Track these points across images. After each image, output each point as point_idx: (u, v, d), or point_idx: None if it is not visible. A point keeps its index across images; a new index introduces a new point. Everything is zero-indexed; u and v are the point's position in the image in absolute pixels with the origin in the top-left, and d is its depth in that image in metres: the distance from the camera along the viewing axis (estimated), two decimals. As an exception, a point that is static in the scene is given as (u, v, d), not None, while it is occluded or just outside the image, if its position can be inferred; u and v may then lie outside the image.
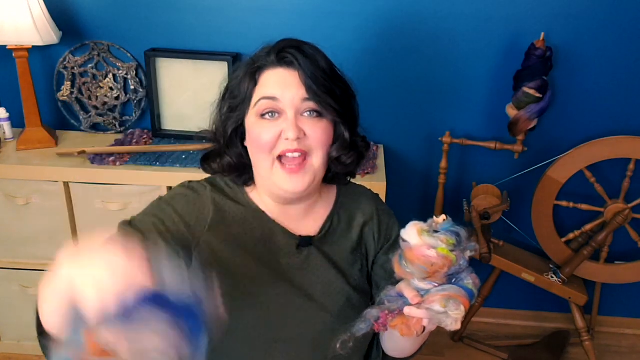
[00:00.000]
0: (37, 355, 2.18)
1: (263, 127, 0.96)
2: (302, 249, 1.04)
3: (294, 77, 0.97)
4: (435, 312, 0.81)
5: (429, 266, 0.80)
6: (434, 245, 0.80)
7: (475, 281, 0.83)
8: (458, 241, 0.81)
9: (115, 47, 2.10)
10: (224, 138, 1.02)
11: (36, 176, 1.89)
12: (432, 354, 2.26)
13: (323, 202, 1.09)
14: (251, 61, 1.01)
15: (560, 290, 2.09)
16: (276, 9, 2.02)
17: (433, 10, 1.98)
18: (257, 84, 0.99)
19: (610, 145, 1.98)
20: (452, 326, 0.81)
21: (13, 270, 2.04)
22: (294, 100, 0.95)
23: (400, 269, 0.84)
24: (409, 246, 0.82)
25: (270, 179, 0.98)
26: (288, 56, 0.98)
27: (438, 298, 0.81)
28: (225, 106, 1.02)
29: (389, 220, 1.12)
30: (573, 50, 1.99)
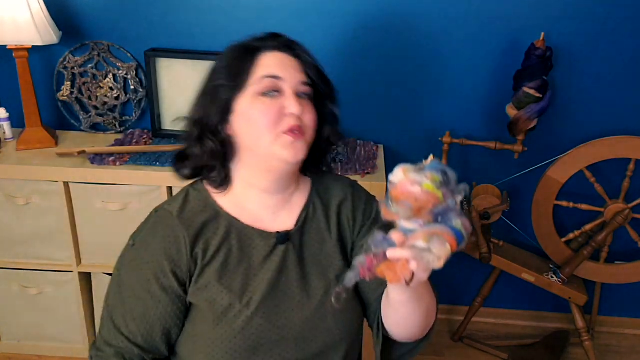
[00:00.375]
0: (37, 355, 2.18)
1: (265, 104, 0.98)
2: (279, 247, 1.04)
3: (294, 62, 1.02)
4: (418, 249, 0.77)
5: (413, 202, 0.78)
6: (418, 182, 0.78)
7: (465, 224, 0.80)
8: (445, 180, 0.79)
9: (115, 47, 2.10)
10: (207, 123, 1.02)
11: (36, 176, 1.89)
12: (432, 354, 2.26)
13: (299, 192, 1.10)
14: (243, 46, 1.03)
15: (560, 290, 2.09)
16: (276, 8, 2.02)
17: (433, 10, 1.98)
18: (254, 64, 1.00)
19: (610, 145, 1.98)
20: (435, 263, 0.77)
21: (13, 270, 2.04)
22: (294, 81, 1.00)
23: (386, 210, 0.81)
24: (393, 185, 0.80)
25: (271, 151, 0.99)
26: (284, 41, 1.03)
27: (421, 234, 0.78)
28: (211, 88, 1.02)
29: (365, 204, 1.12)
30: (573, 50, 1.99)
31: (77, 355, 2.17)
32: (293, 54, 1.03)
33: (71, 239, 1.98)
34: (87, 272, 2.05)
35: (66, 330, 2.13)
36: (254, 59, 1.00)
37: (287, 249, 1.05)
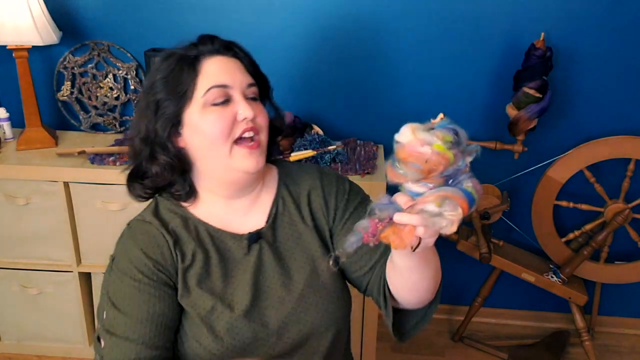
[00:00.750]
0: (37, 355, 2.18)
1: (215, 113, 0.96)
2: (253, 246, 1.04)
3: (237, 64, 1.00)
4: (428, 213, 0.73)
5: (422, 164, 0.73)
6: (428, 142, 0.72)
7: (476, 186, 0.75)
8: (456, 140, 0.74)
9: (115, 47, 2.10)
10: (158, 138, 0.98)
11: (36, 176, 1.89)
12: (432, 354, 2.26)
13: (266, 189, 1.09)
14: (180, 55, 0.98)
15: (560, 290, 2.09)
16: (276, 8, 2.02)
17: (433, 10, 1.98)
18: (197, 74, 0.97)
19: (610, 145, 1.98)
20: (447, 228, 0.73)
21: (13, 270, 2.04)
22: (242, 85, 0.98)
23: (392, 172, 0.76)
24: (401, 145, 0.74)
25: (230, 163, 0.97)
26: (222, 43, 1.01)
27: (432, 198, 0.73)
28: (153, 103, 0.98)
29: (336, 187, 1.10)
30: (573, 50, 1.99)
31: (77, 355, 2.17)
32: (234, 55, 1.01)
33: (71, 239, 1.98)
34: (87, 272, 2.05)
35: (66, 330, 2.14)
36: (195, 68, 0.97)
37: (260, 247, 1.04)
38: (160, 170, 1.00)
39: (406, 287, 0.97)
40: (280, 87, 2.10)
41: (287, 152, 1.93)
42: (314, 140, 1.91)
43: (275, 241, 1.06)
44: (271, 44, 2.07)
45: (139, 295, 0.97)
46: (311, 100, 2.14)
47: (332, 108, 2.15)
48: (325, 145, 1.91)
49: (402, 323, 1.06)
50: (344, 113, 2.15)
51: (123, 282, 0.98)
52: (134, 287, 0.97)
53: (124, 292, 0.98)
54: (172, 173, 1.01)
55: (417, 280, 0.94)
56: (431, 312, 1.04)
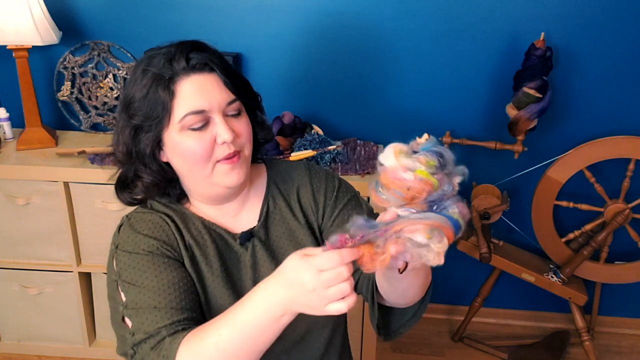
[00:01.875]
0: (37, 355, 2.18)
1: (194, 139, 0.93)
2: (247, 244, 1.04)
3: (213, 81, 0.94)
4: (416, 244, 0.70)
5: (404, 191, 0.71)
6: (411, 168, 0.71)
7: (462, 210, 0.73)
8: (441, 163, 0.72)
9: (115, 47, 2.10)
10: (141, 158, 0.98)
11: (36, 176, 1.89)
12: (432, 354, 2.26)
13: (255, 189, 1.08)
14: (155, 74, 0.93)
15: (560, 290, 2.09)
16: (276, 8, 2.02)
17: (432, 10, 1.98)
18: (174, 96, 0.93)
19: (610, 145, 1.98)
20: (434, 261, 0.71)
21: (13, 270, 2.05)
22: (220, 105, 0.94)
23: (376, 196, 0.75)
24: (384, 169, 0.73)
25: (212, 180, 0.97)
26: (199, 59, 0.94)
27: (421, 227, 0.70)
28: (134, 125, 0.96)
29: (325, 183, 1.09)
30: (573, 50, 1.99)
31: (77, 355, 2.17)
32: (210, 71, 0.94)
33: (71, 239, 1.98)
34: (87, 272, 2.05)
35: (66, 330, 2.13)
36: (171, 90, 0.92)
37: (253, 245, 1.04)
38: (144, 188, 1.01)
39: (393, 294, 0.96)
40: (280, 87, 2.13)
41: (287, 152, 1.93)
42: (314, 140, 1.91)
43: (268, 239, 1.06)
44: (271, 43, 2.07)
45: (154, 267, 0.95)
46: (311, 100, 2.14)
47: (332, 108, 2.14)
48: (325, 145, 1.91)
49: (392, 321, 1.05)
50: (344, 113, 2.15)
51: (134, 260, 0.96)
52: (148, 260, 0.95)
53: (137, 268, 0.95)
54: (156, 189, 1.02)
55: (405, 288, 0.93)
56: (422, 311, 1.02)
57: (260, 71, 2.11)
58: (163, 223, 1.00)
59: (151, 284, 0.93)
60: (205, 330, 0.85)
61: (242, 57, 2.09)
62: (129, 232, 0.99)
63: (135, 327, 0.92)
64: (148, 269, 0.94)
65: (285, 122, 1.97)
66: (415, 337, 2.32)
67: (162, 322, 0.90)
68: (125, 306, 0.94)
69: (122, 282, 0.96)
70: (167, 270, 0.95)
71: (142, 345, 0.90)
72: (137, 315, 0.92)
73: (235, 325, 0.82)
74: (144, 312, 0.92)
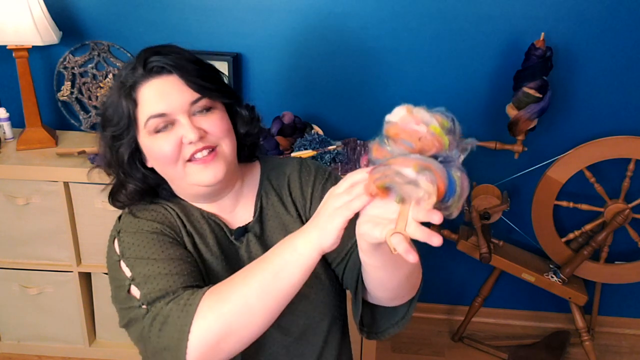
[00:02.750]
0: (37, 355, 2.18)
1: (160, 141, 0.94)
2: (242, 239, 1.04)
3: (173, 83, 0.94)
4: (403, 177, 0.64)
5: (415, 141, 0.67)
6: (426, 121, 0.68)
7: (464, 182, 0.68)
8: (453, 127, 0.70)
9: (115, 47, 2.10)
10: (121, 167, 0.99)
11: (36, 176, 1.89)
12: (432, 354, 2.26)
13: (248, 185, 1.08)
14: (120, 83, 0.96)
15: (560, 290, 2.09)
16: (276, 8, 2.02)
17: (432, 10, 1.98)
18: (136, 104, 0.95)
19: (610, 145, 1.98)
20: (420, 199, 0.64)
21: (13, 270, 2.04)
22: (183, 107, 0.94)
23: (378, 149, 0.70)
24: (393, 123, 0.69)
25: (187, 181, 0.97)
26: (156, 63, 0.94)
27: (412, 163, 0.64)
28: (109, 136, 0.98)
29: (314, 176, 1.09)
30: (573, 50, 1.99)
31: (77, 355, 2.17)
32: (169, 73, 0.94)
33: (71, 239, 1.98)
34: (87, 272, 2.05)
35: (66, 330, 2.13)
36: (133, 97, 0.94)
37: (248, 241, 1.04)
38: (128, 196, 1.02)
39: (372, 283, 0.91)
40: (280, 87, 2.13)
41: (287, 152, 1.93)
42: (314, 140, 1.91)
43: (262, 234, 1.06)
44: (271, 43, 2.07)
45: (159, 244, 0.94)
46: (311, 100, 2.14)
47: (332, 108, 2.14)
48: (325, 145, 1.91)
49: (381, 320, 1.01)
50: (344, 113, 2.15)
51: (138, 238, 0.96)
52: (152, 238, 0.95)
53: (142, 245, 0.94)
54: (142, 196, 1.02)
55: (385, 280, 0.88)
56: (411, 312, 0.98)
57: (260, 71, 2.11)
58: (165, 211, 1.01)
59: (159, 257, 0.92)
60: (231, 280, 0.84)
61: (242, 57, 2.09)
62: (131, 218, 1.00)
63: (146, 291, 0.89)
64: (154, 245, 0.94)
65: (285, 122, 1.97)
66: (415, 337, 2.32)
67: (175, 284, 0.88)
68: (133, 279, 0.92)
69: (127, 259, 0.94)
70: (173, 248, 0.95)
71: (157, 303, 0.87)
72: (148, 282, 0.90)
73: (264, 266, 0.81)
74: (155, 278, 0.89)
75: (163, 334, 0.85)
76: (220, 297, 0.82)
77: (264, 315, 0.82)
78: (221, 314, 0.81)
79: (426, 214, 0.65)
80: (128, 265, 0.94)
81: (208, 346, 0.82)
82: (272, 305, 0.81)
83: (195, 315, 0.82)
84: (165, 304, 0.86)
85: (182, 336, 0.82)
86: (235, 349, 0.84)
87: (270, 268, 0.81)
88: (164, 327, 0.85)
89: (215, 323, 0.81)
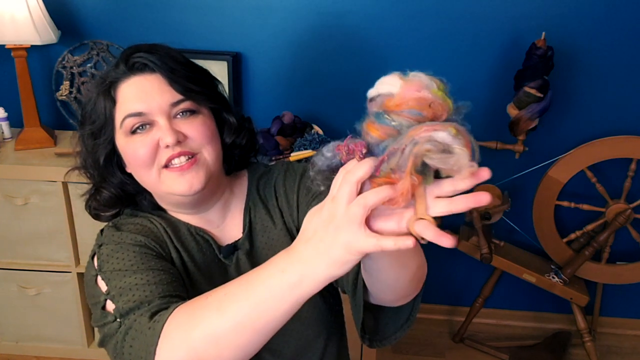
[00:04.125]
0: (36, 356, 2.17)
1: (136, 142, 0.88)
2: (231, 257, 0.97)
3: (154, 82, 0.89)
4: (437, 144, 0.52)
5: (425, 109, 0.56)
6: (428, 86, 0.58)
7: (474, 141, 0.58)
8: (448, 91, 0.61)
9: (115, 47, 2.09)
10: (97, 170, 0.94)
11: (35, 176, 1.89)
12: (433, 355, 2.25)
13: (236, 198, 1.01)
14: (100, 79, 0.91)
15: (561, 290, 2.08)
16: (276, 7, 2.02)
17: (433, 10, 1.98)
18: (115, 102, 0.89)
19: (612, 145, 1.97)
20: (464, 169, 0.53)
21: (12, 270, 2.04)
22: (163, 107, 0.88)
23: (379, 128, 0.57)
24: (389, 95, 0.59)
25: (163, 189, 0.90)
26: (138, 60, 0.89)
27: (442, 127, 0.54)
28: (86, 135, 0.93)
29: (299, 181, 1.00)
30: (574, 49, 1.98)
31: (76, 356, 2.16)
32: (151, 71, 0.89)
33: (70, 239, 1.97)
34: (86, 273, 2.05)
35: (65, 331, 2.13)
36: (111, 96, 0.89)
37: (237, 259, 0.98)
38: (102, 204, 0.96)
39: (377, 286, 0.80)
40: (280, 87, 2.12)
41: (287, 152, 1.92)
42: (314, 140, 1.90)
43: (252, 250, 0.99)
44: (271, 43, 2.06)
45: (140, 257, 0.87)
46: (311, 100, 2.13)
47: (332, 108, 2.14)
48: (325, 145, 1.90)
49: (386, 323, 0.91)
50: (344, 113, 2.14)
51: (119, 250, 0.88)
52: (134, 251, 0.88)
53: (122, 258, 0.87)
54: (117, 204, 0.96)
55: (391, 281, 0.77)
56: (416, 311, 0.88)
57: (260, 71, 2.10)
58: (150, 224, 0.95)
59: (139, 268, 0.85)
60: (206, 298, 0.71)
61: (242, 57, 2.09)
62: (113, 231, 0.93)
63: (121, 304, 0.81)
64: (134, 258, 0.86)
65: (285, 122, 1.97)
66: (415, 338, 2.32)
67: (152, 294, 0.80)
68: (108, 293, 0.84)
69: (104, 273, 0.86)
70: (155, 260, 0.87)
71: (130, 315, 0.79)
72: (123, 294, 0.81)
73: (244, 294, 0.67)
74: (131, 289, 0.81)
75: (134, 349, 0.76)
76: (191, 318, 0.71)
77: (239, 349, 0.68)
78: (189, 338, 0.70)
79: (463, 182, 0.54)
80: (104, 279, 0.86)
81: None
82: (248, 340, 0.68)
83: (162, 334, 0.72)
84: (138, 316, 0.78)
85: (149, 357, 0.73)
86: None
87: (251, 298, 0.66)
88: (134, 343, 0.77)
89: (180, 348, 0.70)
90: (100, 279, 0.87)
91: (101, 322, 0.85)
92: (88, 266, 0.93)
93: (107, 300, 0.84)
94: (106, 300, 0.84)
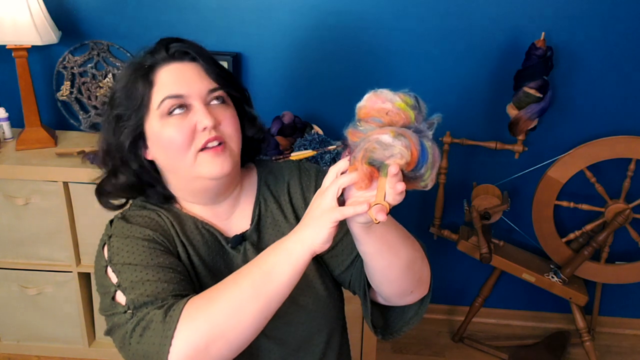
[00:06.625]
0: (36, 356, 2.18)
1: (174, 125, 0.91)
2: (239, 247, 1.01)
3: (194, 70, 0.95)
4: (382, 143, 0.72)
5: (383, 116, 0.75)
6: (390, 99, 0.75)
7: (435, 151, 0.75)
8: (416, 106, 0.76)
9: (115, 47, 2.09)
10: (120, 152, 0.95)
11: (35, 176, 1.89)
12: (433, 355, 2.26)
13: (246, 192, 1.05)
14: (137, 64, 0.95)
15: (560, 290, 2.08)
16: (276, 7, 2.02)
17: (434, 10, 1.98)
18: (152, 85, 0.93)
19: (611, 145, 1.98)
20: (394, 159, 0.71)
21: (12, 270, 2.04)
22: (201, 93, 0.93)
23: (353, 132, 0.78)
24: (362, 106, 0.78)
25: (195, 172, 0.93)
26: (179, 48, 0.95)
27: (389, 130, 0.73)
28: (114, 117, 0.95)
29: (315, 180, 1.06)
30: (574, 50, 1.99)
31: (77, 355, 2.17)
32: (191, 60, 0.95)
33: (71, 239, 1.97)
34: (86, 272, 2.05)
35: (65, 331, 2.13)
36: (150, 79, 0.93)
37: (245, 250, 1.00)
38: (116, 188, 0.99)
39: (375, 277, 0.91)
40: (280, 87, 2.12)
41: (287, 152, 1.92)
42: (314, 140, 1.90)
43: (260, 242, 1.02)
44: (271, 43, 2.06)
45: (149, 251, 0.91)
46: (311, 100, 2.14)
47: (332, 108, 2.14)
48: (325, 145, 1.90)
49: (393, 319, 1.02)
50: (344, 113, 2.13)
51: (129, 243, 0.92)
52: (143, 245, 0.91)
53: (132, 251, 0.90)
54: (129, 192, 0.99)
55: (385, 269, 0.88)
56: (423, 310, 0.98)
57: (260, 71, 2.10)
58: (158, 218, 0.98)
59: (149, 264, 0.89)
60: (220, 283, 0.83)
61: (242, 57, 2.09)
62: (123, 223, 0.96)
63: (134, 297, 0.85)
64: (143, 252, 0.90)
65: (285, 122, 1.97)
66: (415, 338, 2.32)
67: (165, 292, 0.85)
68: (119, 285, 0.88)
69: (114, 265, 0.90)
70: (164, 256, 0.91)
71: (143, 309, 0.84)
72: (135, 287, 0.86)
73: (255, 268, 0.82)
74: (144, 284, 0.86)
75: (143, 339, 0.82)
76: (210, 299, 0.81)
77: (255, 317, 0.80)
78: (211, 314, 0.79)
79: (393, 179, 0.72)
80: (115, 271, 0.90)
81: (196, 350, 0.78)
82: (263, 307, 0.80)
83: (180, 319, 0.79)
84: (151, 310, 0.83)
85: (165, 341, 0.79)
86: (224, 355, 0.80)
87: (261, 269, 0.81)
88: (145, 333, 0.82)
89: (204, 324, 0.79)
90: (110, 270, 0.91)
91: (110, 312, 0.89)
92: (98, 255, 0.96)
93: (117, 292, 0.88)
94: (116, 292, 0.88)
